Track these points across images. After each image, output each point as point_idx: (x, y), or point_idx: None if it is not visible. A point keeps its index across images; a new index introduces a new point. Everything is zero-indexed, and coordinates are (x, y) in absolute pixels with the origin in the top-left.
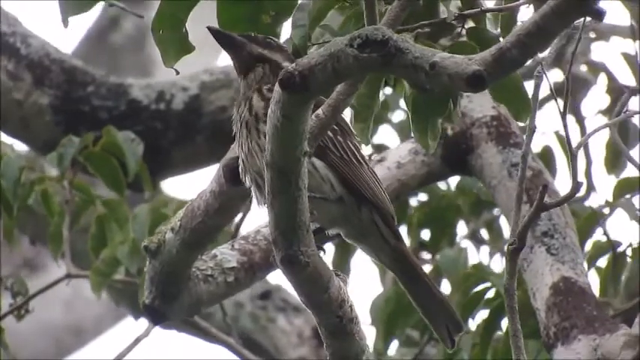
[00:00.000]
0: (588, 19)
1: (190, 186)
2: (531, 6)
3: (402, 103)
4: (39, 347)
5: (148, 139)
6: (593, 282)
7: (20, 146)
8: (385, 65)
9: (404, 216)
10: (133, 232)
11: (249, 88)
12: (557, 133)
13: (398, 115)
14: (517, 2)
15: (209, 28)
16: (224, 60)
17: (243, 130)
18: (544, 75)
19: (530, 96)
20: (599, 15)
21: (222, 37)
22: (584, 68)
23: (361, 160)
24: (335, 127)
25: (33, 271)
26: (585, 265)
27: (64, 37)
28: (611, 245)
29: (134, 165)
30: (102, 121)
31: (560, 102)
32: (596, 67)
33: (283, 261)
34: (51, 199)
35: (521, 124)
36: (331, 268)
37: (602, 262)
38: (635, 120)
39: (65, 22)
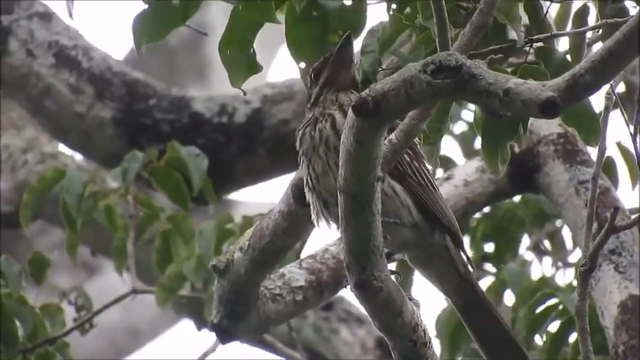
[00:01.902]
0: None
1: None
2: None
3: (464, 114)
4: (96, 349)
5: (210, 152)
6: None
7: (79, 157)
8: (458, 91)
9: (466, 228)
10: (199, 248)
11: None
12: (618, 144)
13: (460, 127)
14: (586, 27)
15: (343, 41)
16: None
17: (320, 147)
18: (614, 96)
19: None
20: None
21: (345, 51)
22: None
23: (435, 185)
24: (410, 151)
25: (90, 274)
26: None
27: (120, 38)
28: None
29: (198, 180)
30: (164, 134)
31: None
32: None
33: (357, 286)
34: (115, 213)
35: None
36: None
37: None
38: None
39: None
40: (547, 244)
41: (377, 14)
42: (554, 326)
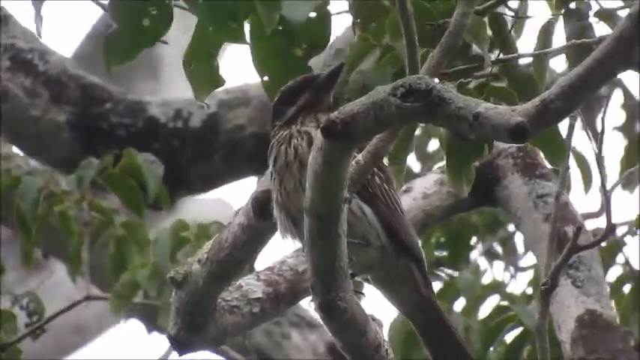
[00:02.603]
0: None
1: None
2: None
3: None
4: (39, 346)
5: (165, 157)
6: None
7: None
8: (428, 115)
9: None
10: (153, 256)
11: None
12: (574, 150)
13: None
14: (552, 49)
15: (334, 70)
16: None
17: (294, 164)
18: (578, 115)
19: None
20: None
21: (334, 80)
22: None
23: (403, 210)
24: (380, 173)
25: (37, 269)
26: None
27: (68, 35)
28: (631, 274)
29: (154, 187)
30: (119, 138)
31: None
32: (612, 83)
33: (321, 306)
34: (69, 219)
35: None
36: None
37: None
38: None
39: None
40: (499, 248)
41: (340, 25)
42: (509, 336)
